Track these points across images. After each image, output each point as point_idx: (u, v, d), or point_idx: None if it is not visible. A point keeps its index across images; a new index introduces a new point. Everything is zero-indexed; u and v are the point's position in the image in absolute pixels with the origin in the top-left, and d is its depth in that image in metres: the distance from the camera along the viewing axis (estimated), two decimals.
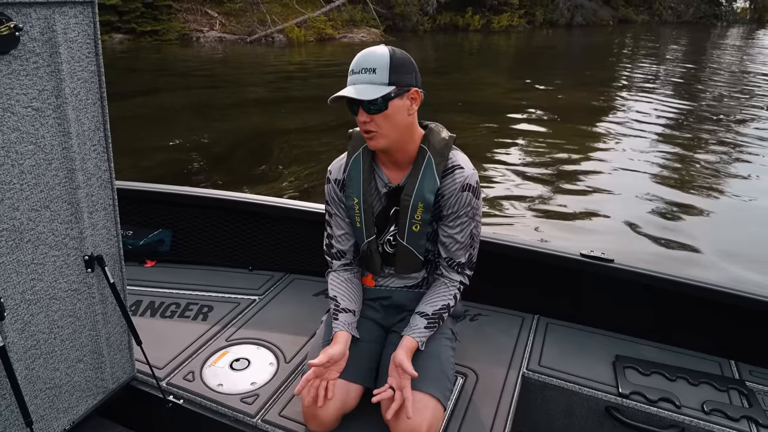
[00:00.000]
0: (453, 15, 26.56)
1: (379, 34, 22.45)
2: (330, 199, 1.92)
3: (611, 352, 2.20)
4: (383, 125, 1.65)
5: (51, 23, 1.44)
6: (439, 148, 1.77)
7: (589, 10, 31.98)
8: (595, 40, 25.63)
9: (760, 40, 29.17)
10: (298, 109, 10.05)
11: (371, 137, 1.67)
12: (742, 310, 2.11)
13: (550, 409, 2.12)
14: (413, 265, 1.90)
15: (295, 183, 6.26)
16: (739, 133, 9.29)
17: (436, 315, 1.82)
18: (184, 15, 20.34)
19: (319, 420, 1.69)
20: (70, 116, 1.54)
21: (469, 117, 8.98)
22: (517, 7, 28.64)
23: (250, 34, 20.31)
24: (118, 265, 1.83)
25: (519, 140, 8.25)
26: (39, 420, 1.68)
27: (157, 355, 2.08)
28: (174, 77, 12.85)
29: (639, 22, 35.52)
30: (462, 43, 22.55)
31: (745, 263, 4.61)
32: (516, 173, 6.73)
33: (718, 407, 1.90)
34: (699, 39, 28.25)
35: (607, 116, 10.22)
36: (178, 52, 17.12)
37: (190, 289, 2.61)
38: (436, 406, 1.68)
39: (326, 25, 21.76)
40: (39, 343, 1.63)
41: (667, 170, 7.10)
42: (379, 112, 1.62)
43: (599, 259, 2.22)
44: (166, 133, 8.27)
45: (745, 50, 24.49)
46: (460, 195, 1.77)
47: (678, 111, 10.88)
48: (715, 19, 38.37)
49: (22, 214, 1.49)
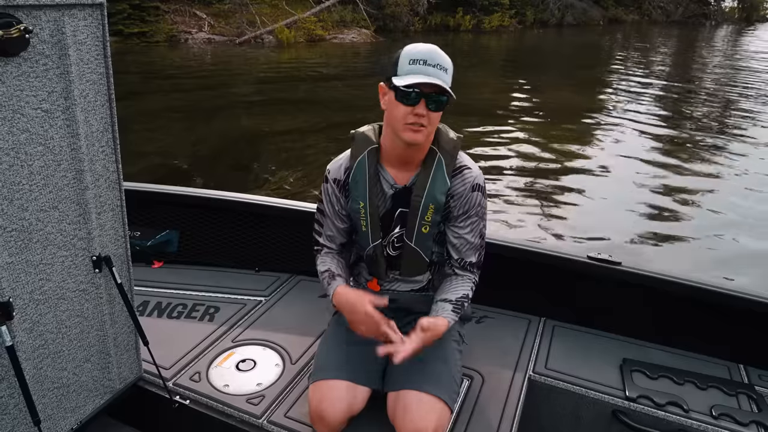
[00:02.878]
0: (444, 15, 26.50)
1: (369, 34, 22.32)
2: (326, 198, 1.89)
3: (618, 355, 2.18)
4: (434, 122, 1.66)
5: (60, 25, 1.45)
6: (449, 149, 1.77)
7: (580, 9, 32.09)
8: (586, 40, 25.71)
9: (747, 39, 29.38)
10: (288, 110, 9.99)
11: (420, 130, 1.64)
12: (752, 314, 2.09)
13: (556, 413, 2.10)
14: (419, 267, 1.89)
15: (283, 186, 6.24)
16: (730, 127, 9.46)
17: (459, 302, 1.80)
18: (172, 16, 20.03)
19: (326, 422, 1.69)
20: (79, 118, 1.54)
21: (459, 118, 8.98)
22: (508, 7, 28.63)
23: (239, 35, 20.06)
24: (125, 266, 1.84)
25: (509, 141, 8.23)
26: (47, 419, 1.69)
27: (164, 356, 2.09)
28: (162, 79, 12.73)
29: (629, 21, 35.72)
30: (453, 43, 22.53)
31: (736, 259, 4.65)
32: (507, 173, 6.74)
33: (727, 411, 1.88)
34: (688, 38, 28.41)
35: (598, 116, 10.23)
36: (166, 54, 16.94)
37: (197, 289, 2.61)
38: (443, 408, 1.67)
39: (316, 26, 21.62)
40: (47, 342, 1.64)
41: (659, 168, 7.13)
42: (438, 110, 1.64)
43: (606, 261, 2.21)
44: (152, 136, 8.18)
45: (734, 48, 24.67)
46: (470, 195, 1.77)
47: (669, 108, 10.95)
48: (704, 18, 38.67)
49: (31, 214, 1.50)
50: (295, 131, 8.52)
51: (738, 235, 5.25)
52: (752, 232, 5.34)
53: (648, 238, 5.10)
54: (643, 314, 2.29)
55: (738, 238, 5.18)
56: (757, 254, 4.87)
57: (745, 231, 5.35)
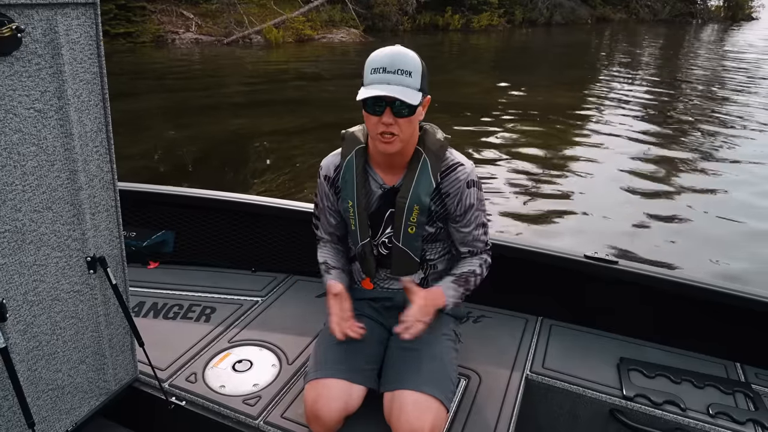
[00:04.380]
0: (433, 15, 26.52)
1: (358, 34, 22.25)
2: (320, 193, 1.94)
3: (616, 354, 2.18)
4: (405, 129, 1.64)
5: (53, 25, 1.43)
6: (435, 149, 1.77)
7: (568, 8, 32.26)
8: (575, 39, 25.82)
9: (733, 37, 29.64)
10: (276, 111, 9.93)
11: (390, 141, 1.64)
12: (749, 313, 2.08)
13: (553, 412, 2.10)
14: (409, 267, 1.89)
15: (272, 188, 6.21)
16: (719, 121, 9.61)
17: (462, 276, 1.84)
18: (158, 16, 19.78)
19: (322, 421, 1.68)
20: (73, 118, 1.53)
21: (448, 117, 8.98)
22: (496, 7, 28.72)
23: (227, 35, 19.88)
24: (120, 267, 1.83)
25: (498, 140, 8.25)
26: (41, 421, 1.68)
27: (160, 357, 2.07)
28: (148, 80, 12.60)
29: (617, 20, 35.96)
30: (442, 42, 22.57)
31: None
32: (496, 172, 6.75)
33: (724, 410, 1.88)
34: (675, 36, 28.61)
35: (586, 115, 10.27)
36: (153, 55, 16.77)
37: (193, 290, 2.60)
38: (439, 408, 1.67)
39: (305, 25, 21.51)
40: (41, 344, 1.63)
41: (647, 165, 7.16)
42: (407, 116, 1.62)
43: (603, 260, 2.21)
44: (137, 138, 8.08)
45: (720, 46, 24.87)
46: (468, 192, 1.78)
47: (657, 107, 11.01)
48: (691, 17, 39.07)
49: (25, 215, 1.49)
50: (283, 132, 8.47)
51: (734, 227, 5.29)
52: (749, 222, 5.39)
53: (641, 236, 5.11)
54: (641, 313, 2.29)
55: (734, 232, 5.22)
56: (754, 249, 4.89)
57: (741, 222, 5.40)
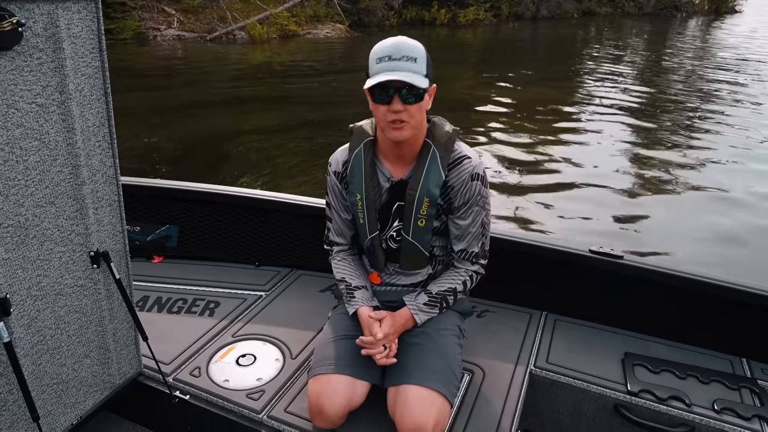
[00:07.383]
0: (419, 9, 26.36)
1: (344, 29, 22.04)
2: (330, 190, 1.93)
3: (620, 349, 2.17)
4: (415, 116, 1.65)
5: (54, 19, 1.43)
6: (444, 141, 1.77)
7: (554, 2, 32.22)
8: (561, 33, 25.85)
9: (716, 30, 29.88)
10: (260, 108, 9.78)
11: (401, 127, 1.64)
12: (754, 308, 2.07)
13: (557, 407, 2.10)
14: (419, 261, 1.89)
15: (258, 186, 6.11)
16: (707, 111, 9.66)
17: (439, 295, 1.84)
18: (139, 12, 19.47)
19: (325, 416, 1.69)
20: (75, 112, 1.53)
21: (436, 112, 8.92)
22: (483, 1, 28.76)
23: (210, 31, 19.53)
24: (124, 261, 1.83)
25: (487, 134, 8.20)
26: (46, 415, 1.69)
27: (164, 351, 2.08)
28: (129, 78, 12.36)
29: (602, 14, 36.08)
30: (429, 37, 22.51)
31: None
32: (490, 167, 6.69)
33: (729, 406, 1.87)
34: (660, 29, 28.73)
35: (574, 108, 10.18)
36: (134, 52, 16.51)
37: (197, 284, 2.61)
38: (443, 402, 1.67)
39: (289, 21, 21.26)
40: (45, 338, 1.63)
41: (636, 158, 7.16)
42: (416, 102, 1.62)
43: (608, 255, 2.19)
44: (118, 135, 7.89)
45: (703, 39, 25.07)
46: (470, 185, 1.77)
47: (644, 99, 11.01)
48: (675, 10, 39.21)
49: (28, 210, 1.49)
50: (265, 129, 8.31)
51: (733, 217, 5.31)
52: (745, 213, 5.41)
53: (637, 229, 5.11)
54: (645, 308, 2.28)
55: (732, 221, 5.23)
56: (752, 242, 4.90)
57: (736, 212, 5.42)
